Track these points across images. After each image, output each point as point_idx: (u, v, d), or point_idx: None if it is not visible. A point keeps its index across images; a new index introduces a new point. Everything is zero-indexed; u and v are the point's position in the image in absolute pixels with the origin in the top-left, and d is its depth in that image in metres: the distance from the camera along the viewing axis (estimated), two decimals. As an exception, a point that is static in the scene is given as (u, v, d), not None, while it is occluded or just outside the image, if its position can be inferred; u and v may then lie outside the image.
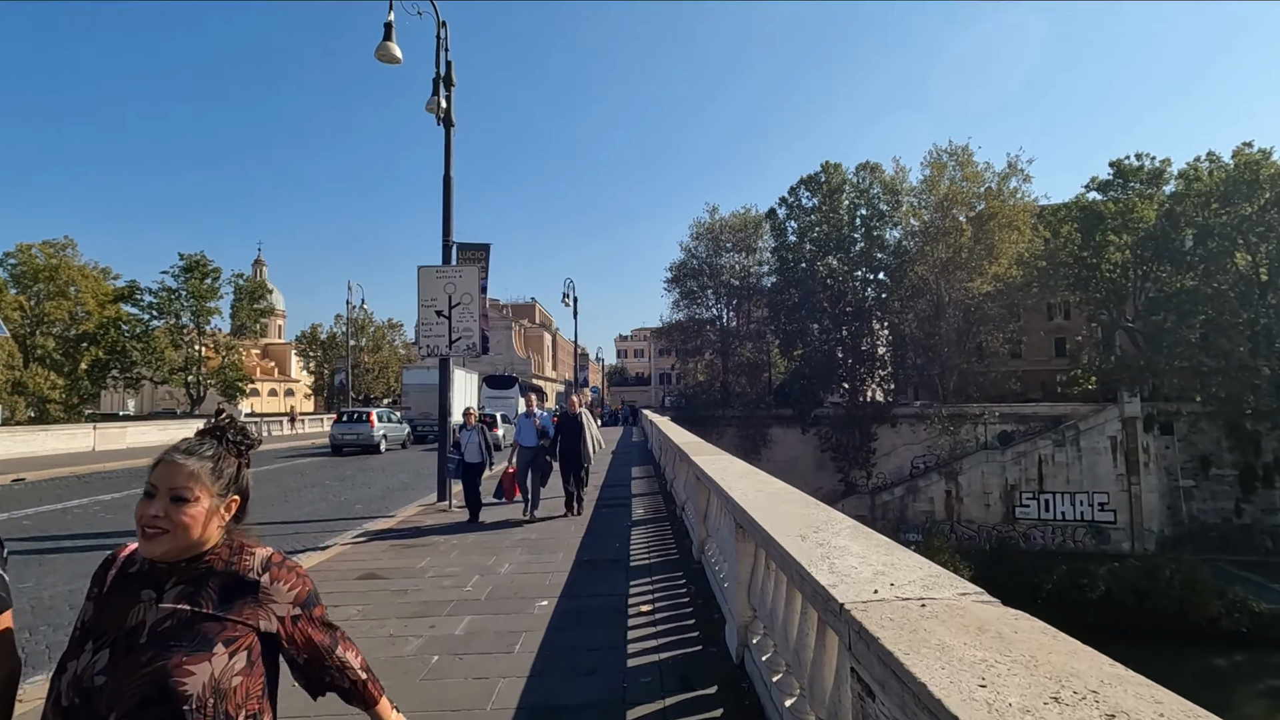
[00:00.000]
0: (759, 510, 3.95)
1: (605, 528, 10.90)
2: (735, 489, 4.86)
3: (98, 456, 27.92)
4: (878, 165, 59.92)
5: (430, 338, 12.36)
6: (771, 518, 3.67)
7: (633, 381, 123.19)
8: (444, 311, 12.09)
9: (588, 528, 10.90)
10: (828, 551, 2.76)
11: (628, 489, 15.61)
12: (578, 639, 5.53)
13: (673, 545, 9.11)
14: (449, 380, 12.69)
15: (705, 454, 8.53)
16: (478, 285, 12.25)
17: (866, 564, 2.53)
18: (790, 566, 2.75)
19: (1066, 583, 40.85)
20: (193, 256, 55.50)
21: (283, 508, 14.10)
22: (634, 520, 11.50)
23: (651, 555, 8.57)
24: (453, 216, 12.67)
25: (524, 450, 11.84)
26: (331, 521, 12.42)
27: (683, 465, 10.55)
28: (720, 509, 6.21)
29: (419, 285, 12.16)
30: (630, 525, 10.99)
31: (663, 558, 8.39)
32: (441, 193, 12.77)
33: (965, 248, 54.14)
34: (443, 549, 9.43)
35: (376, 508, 14.00)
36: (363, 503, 14.86)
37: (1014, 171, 55.75)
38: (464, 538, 10.19)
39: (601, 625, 5.84)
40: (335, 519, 12.73)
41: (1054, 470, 48.81)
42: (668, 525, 10.68)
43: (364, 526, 11.56)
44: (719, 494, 5.34)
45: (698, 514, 7.56)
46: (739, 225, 65.53)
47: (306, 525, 12.11)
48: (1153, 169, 53.44)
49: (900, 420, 55.08)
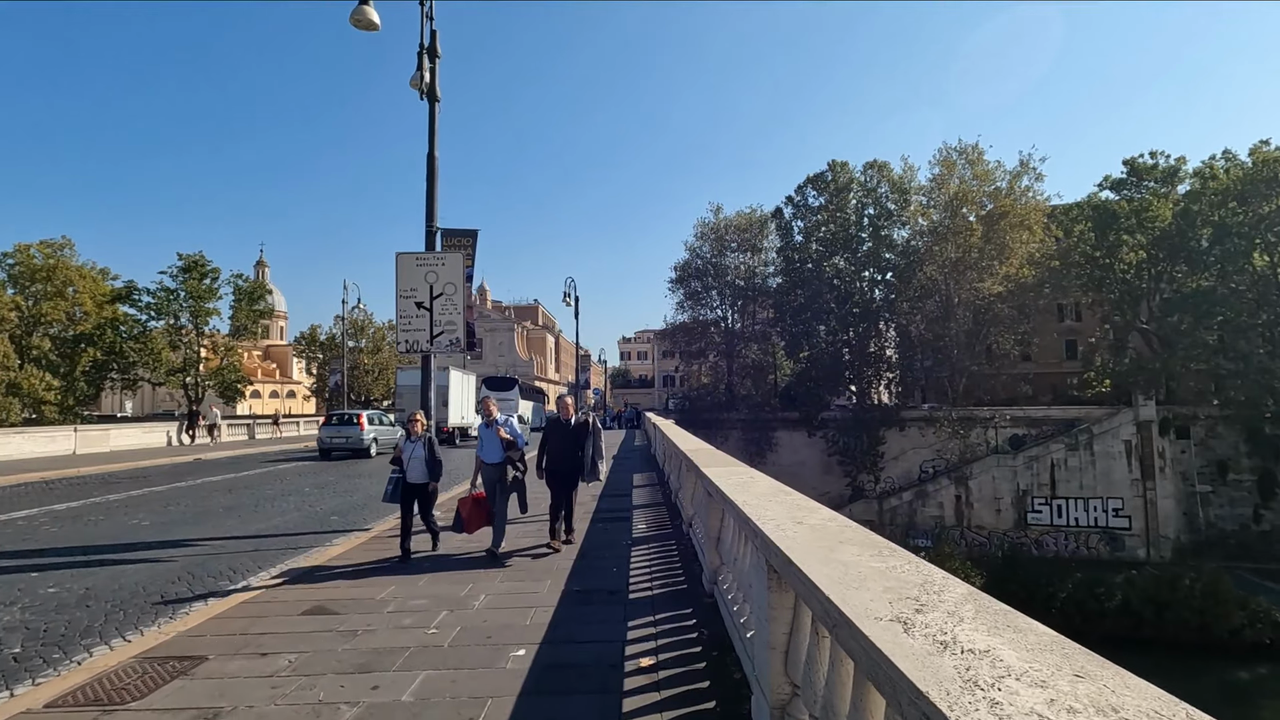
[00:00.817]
0: (808, 557, 2.76)
1: (602, 547, 9.70)
2: (766, 518, 3.68)
3: (78, 460, 26.77)
4: (886, 164, 58.98)
5: (409, 332, 11.10)
6: (834, 574, 2.47)
7: (636, 384, 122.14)
8: (424, 303, 10.85)
9: (581, 548, 9.68)
10: (968, 669, 1.55)
11: (628, 498, 14.38)
12: (559, 710, 4.33)
13: (679, 570, 7.90)
14: (431, 378, 11.43)
15: (717, 464, 7.33)
16: (462, 274, 11.02)
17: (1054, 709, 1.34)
18: (901, 692, 1.55)
19: (1083, 591, 39.88)
20: (191, 256, 54.76)
21: (250, 519, 12.91)
22: (635, 538, 10.27)
23: (654, 583, 7.37)
24: (437, 200, 11.46)
25: (487, 469, 9.63)
26: (297, 536, 11.19)
27: (690, 476, 9.35)
28: (739, 535, 5.05)
29: (397, 274, 10.94)
30: (630, 544, 9.80)
31: (668, 586, 7.19)
32: (425, 173, 11.60)
33: (975, 247, 53.10)
34: (412, 574, 8.26)
35: (354, 519, 12.83)
36: (340, 513, 13.67)
37: (1026, 170, 54.84)
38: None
39: (591, 687, 4.64)
40: (304, 533, 11.51)
41: (1067, 475, 47.87)
42: (673, 545, 9.49)
43: (331, 543, 10.38)
44: (743, 523, 4.16)
45: (708, 536, 6.38)
46: (744, 225, 64.51)
47: (270, 540, 10.89)
48: (1167, 167, 52.41)
49: (908, 423, 54.22)
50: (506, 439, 9.47)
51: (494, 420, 9.63)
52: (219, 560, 9.52)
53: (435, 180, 11.57)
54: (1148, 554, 45.25)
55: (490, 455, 9.58)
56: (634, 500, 14.09)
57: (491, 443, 9.56)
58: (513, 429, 9.61)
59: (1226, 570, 39.74)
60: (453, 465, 25.01)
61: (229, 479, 19.62)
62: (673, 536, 9.98)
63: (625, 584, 7.40)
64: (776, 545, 3.04)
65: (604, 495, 14.59)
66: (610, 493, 15.20)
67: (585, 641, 5.53)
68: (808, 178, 60.81)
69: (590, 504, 13.46)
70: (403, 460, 9.33)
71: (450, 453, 32.42)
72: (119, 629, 6.50)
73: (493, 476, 9.57)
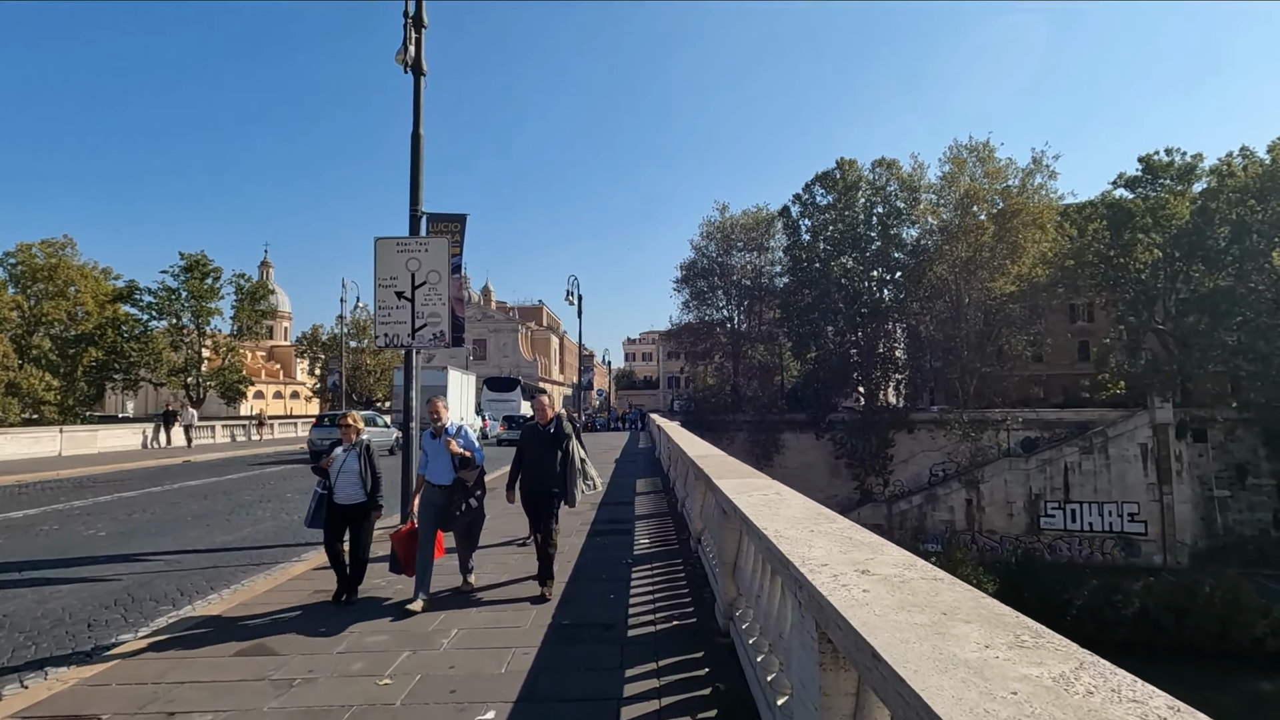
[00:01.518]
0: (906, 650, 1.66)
1: (598, 567, 8.60)
2: (813, 561, 2.61)
3: (62, 463, 25.81)
4: (895, 161, 57.96)
5: (389, 324, 10.00)
6: (964, 696, 1.41)
7: (640, 385, 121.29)
8: (405, 293, 9.80)
9: (575, 568, 8.52)
10: None
11: (630, 507, 13.28)
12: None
13: (687, 597, 6.82)
14: (415, 376, 10.39)
15: (731, 475, 6.26)
16: (448, 261, 9.97)
17: None
18: None
19: (1099, 598, 38.99)
20: (193, 256, 54.89)
21: (219, 529, 11.85)
22: (636, 555, 9.17)
23: (658, 614, 6.29)
24: (422, 181, 10.44)
25: (431, 492, 7.34)
26: (265, 550, 10.12)
27: (699, 486, 8.29)
28: (764, 569, 4.05)
29: (375, 260, 9.87)
30: (631, 564, 8.65)
31: (674, 619, 6.12)
32: (410, 153, 10.59)
33: (987, 246, 52.04)
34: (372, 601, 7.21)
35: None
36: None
37: (1039, 167, 53.69)
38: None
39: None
40: (273, 545, 10.43)
41: (1081, 479, 46.83)
42: (680, 566, 8.32)
43: (300, 558, 9.33)
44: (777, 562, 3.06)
45: (723, 561, 5.33)
46: (750, 224, 63.49)
47: (234, 555, 9.82)
48: (1184, 165, 51.32)
49: (918, 426, 53.25)
50: (460, 453, 7.19)
51: (442, 428, 7.38)
52: (168, 579, 8.46)
53: (420, 160, 10.57)
54: (1164, 560, 44.25)
55: (437, 474, 7.35)
56: (636, 509, 13.00)
57: (439, 458, 7.34)
58: (467, 439, 7.42)
59: (1246, 577, 38.86)
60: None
61: (207, 483, 18.60)
62: (679, 554, 8.89)
63: (624, 615, 6.31)
64: (843, 616, 1.98)
65: (603, 504, 13.48)
66: (611, 500, 14.09)
67: (571, 699, 4.45)
68: (815, 176, 59.78)
69: (588, 513, 12.37)
70: (330, 475, 7.24)
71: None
72: (19, 672, 5.47)
73: (438, 503, 7.30)
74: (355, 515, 7.31)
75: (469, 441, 7.42)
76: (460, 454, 7.21)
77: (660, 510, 12.65)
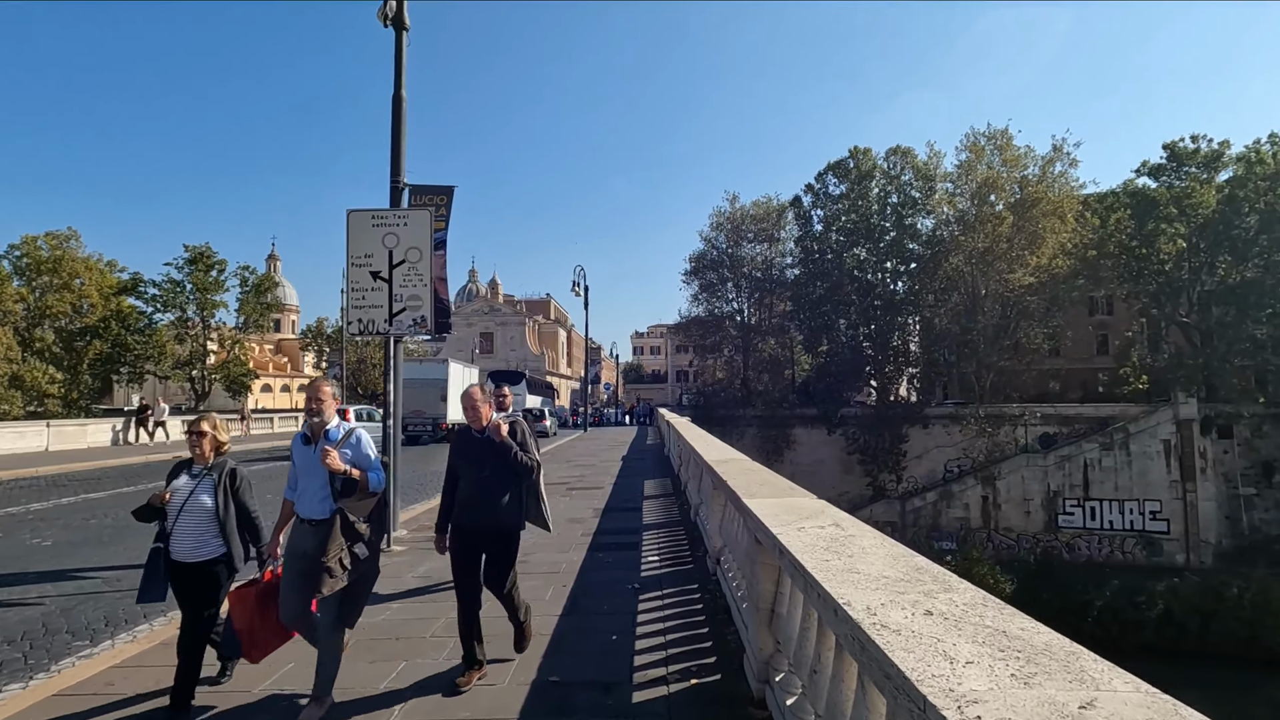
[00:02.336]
0: None
1: (599, 593, 7.18)
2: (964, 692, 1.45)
3: (46, 458, 24.78)
4: (910, 150, 56.73)
5: (363, 309, 8.77)
6: None
7: (648, 379, 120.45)
8: (382, 273, 8.63)
9: (571, 595, 7.13)
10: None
11: (637, 514, 12.01)
12: None
13: (707, 641, 5.49)
14: (397, 369, 9.21)
15: (766, 492, 4.95)
16: (430, 237, 8.78)
17: None
18: None
19: (1121, 600, 37.89)
20: (197, 248, 54.86)
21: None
22: (645, 577, 7.79)
23: (672, 671, 4.90)
24: (404, 149, 9.25)
25: (299, 532, 4.81)
26: None
27: (717, 497, 7.02)
28: (820, 631, 2.87)
29: (348, 236, 8.70)
30: (637, 589, 7.22)
31: (693, 678, 4.77)
32: (390, 117, 9.40)
33: (1005, 237, 50.73)
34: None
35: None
36: (291, 530, 11.39)
37: (1059, 155, 52.21)
38: None
39: None
40: None
41: (1101, 476, 45.54)
42: (696, 594, 6.93)
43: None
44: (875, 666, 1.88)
45: (756, 607, 4.08)
46: (761, 214, 62.18)
47: None
48: (1210, 152, 49.67)
49: (932, 421, 52.16)
50: (342, 471, 4.52)
51: (322, 426, 4.78)
52: (98, 604, 7.25)
53: (403, 125, 9.37)
54: (1187, 559, 43.02)
55: (309, 503, 4.73)
56: (644, 516, 11.71)
57: (311, 476, 4.71)
58: (359, 448, 4.75)
59: (1274, 577, 37.67)
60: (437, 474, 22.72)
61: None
62: (694, 576, 7.62)
63: (629, 668, 5.01)
64: None
65: (608, 510, 12.24)
66: (616, 505, 12.85)
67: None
68: (828, 165, 58.60)
69: (590, 521, 11.14)
70: (168, 518, 4.74)
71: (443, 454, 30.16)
72: None
73: (308, 550, 4.61)
74: (201, 579, 4.68)
75: (361, 452, 4.70)
76: (343, 472, 4.48)
77: (671, 518, 11.39)
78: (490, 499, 5.10)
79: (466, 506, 5.16)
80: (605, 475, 18.16)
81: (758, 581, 3.98)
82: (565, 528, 10.61)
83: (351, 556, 4.52)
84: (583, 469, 20.13)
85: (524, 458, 5.14)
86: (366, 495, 4.65)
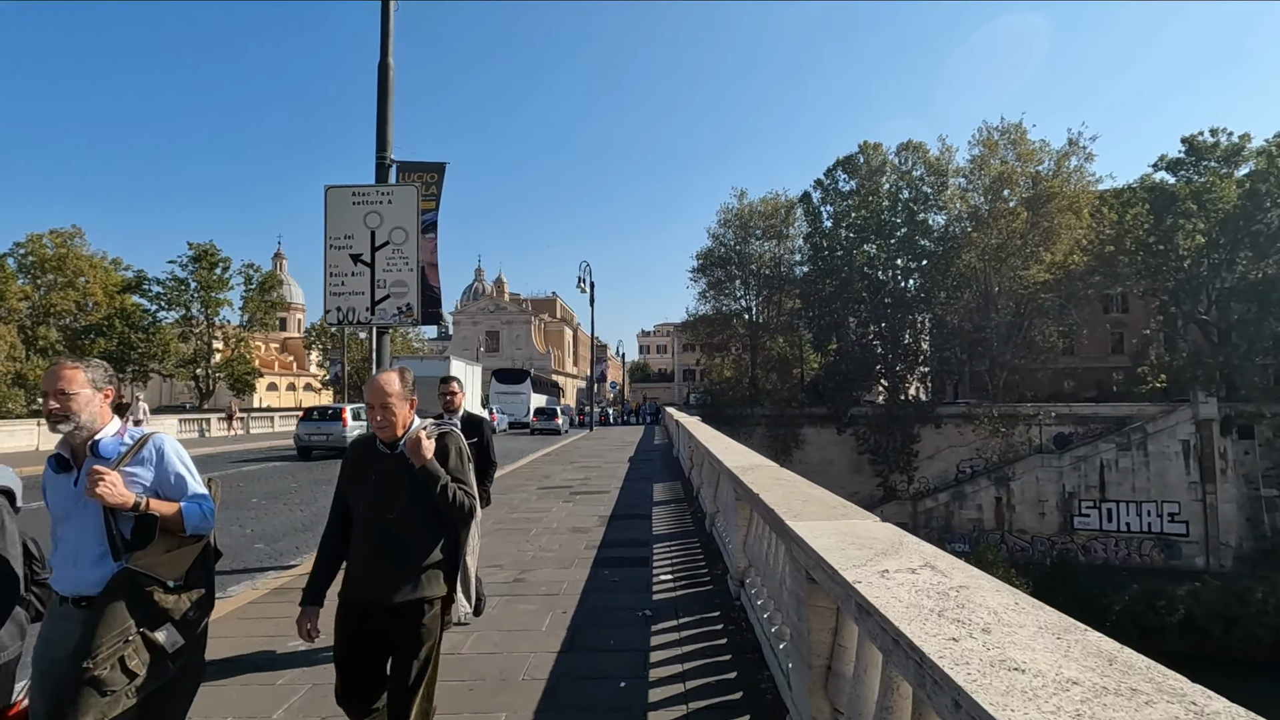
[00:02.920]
0: None
1: (604, 623, 6.13)
2: None
3: (33, 458, 24.11)
4: (921, 144, 55.92)
5: (342, 295, 7.81)
6: None
7: (655, 378, 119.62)
8: (364, 255, 7.79)
9: (572, 624, 6.11)
10: None
11: (647, 522, 11.09)
12: None
13: (734, 686, 4.59)
14: (384, 362, 8.41)
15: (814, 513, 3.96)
16: (418, 217, 7.96)
17: None
18: None
19: (1141, 604, 37.16)
20: (201, 246, 54.88)
21: None
22: (657, 601, 6.71)
23: None
24: (391, 122, 8.43)
25: (59, 620, 2.78)
26: None
27: (743, 510, 6.17)
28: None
29: (326, 215, 7.87)
30: (649, 617, 6.19)
31: None
32: (376, 88, 8.59)
33: (1019, 233, 49.84)
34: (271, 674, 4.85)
35: (283, 550, 9.80)
36: (271, 540, 10.51)
37: (1075, 149, 51.32)
38: None
39: None
40: None
41: (1118, 477, 44.66)
42: (719, 626, 5.86)
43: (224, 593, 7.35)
44: None
45: (804, 656, 3.17)
46: (770, 211, 61.32)
47: None
48: (1230, 145, 48.60)
49: (945, 420, 51.38)
50: (130, 507, 2.70)
51: (89, 441, 2.82)
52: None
53: (390, 96, 8.54)
54: (1206, 562, 42.12)
55: (72, 568, 2.76)
56: (655, 525, 10.79)
57: (77, 525, 2.78)
58: (159, 464, 2.89)
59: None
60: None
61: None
62: (715, 599, 6.64)
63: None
64: None
65: (614, 518, 11.36)
66: (624, 512, 11.94)
67: None
68: (837, 160, 57.91)
69: (595, 531, 10.23)
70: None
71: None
72: None
73: (74, 645, 2.61)
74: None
75: (166, 471, 2.91)
76: (131, 507, 2.71)
77: (684, 527, 10.51)
78: (398, 556, 3.19)
79: (361, 566, 3.23)
80: (612, 478, 17.36)
81: (809, 630, 3.10)
82: (568, 539, 9.83)
83: (150, 650, 2.65)
84: (588, 471, 19.32)
85: (457, 493, 3.25)
86: (180, 543, 2.82)
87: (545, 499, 13.73)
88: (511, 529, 10.49)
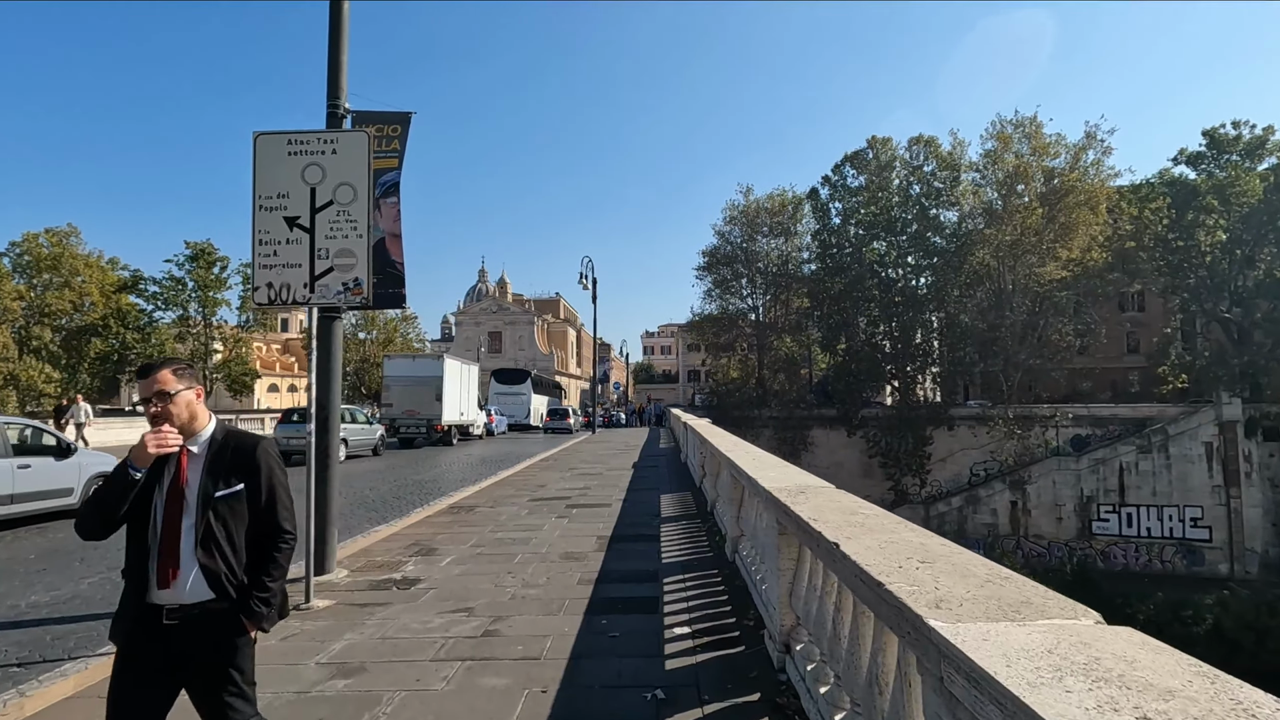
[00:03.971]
0: None
1: (596, 714, 4.37)
2: None
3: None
4: (933, 139, 54.51)
5: (273, 267, 6.30)
6: None
7: (659, 379, 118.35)
8: (301, 218, 6.21)
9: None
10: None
11: (654, 544, 9.49)
12: None
13: None
14: (331, 354, 7.02)
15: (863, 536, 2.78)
16: (369, 171, 6.41)
17: None
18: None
19: (1166, 613, 35.68)
20: (198, 244, 54.00)
21: (57, 579, 8.27)
22: (669, 670, 4.98)
23: None
24: (345, 61, 6.98)
25: None
26: (70, 624, 6.47)
27: (789, 549, 4.46)
28: None
29: (255, 169, 6.26)
30: (662, 700, 4.44)
31: None
32: (328, 24, 7.18)
33: (1034, 229, 48.34)
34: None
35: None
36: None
37: (1092, 143, 49.63)
38: None
39: None
40: (84, 617, 6.61)
41: (1138, 480, 43.31)
42: (763, 714, 4.19)
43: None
44: None
45: None
46: (777, 207, 59.79)
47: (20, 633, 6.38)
48: (1253, 139, 47.25)
49: (957, 422, 49.94)
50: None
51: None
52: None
53: (343, 31, 7.10)
54: (1230, 569, 40.82)
55: None
56: (663, 550, 9.15)
57: None
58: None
59: (1326, 591, 35.37)
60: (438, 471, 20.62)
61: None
62: (751, 669, 4.86)
63: None
64: None
65: (616, 539, 9.81)
66: (627, 532, 10.35)
67: None
68: (846, 155, 56.55)
69: (594, 558, 8.71)
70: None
71: (444, 454, 28.19)
72: None
73: None
74: None
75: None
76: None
77: (700, 552, 8.93)
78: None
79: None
80: (614, 488, 15.87)
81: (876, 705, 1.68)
82: (559, 569, 8.14)
83: None
84: (588, 479, 17.81)
85: None
86: None
87: (537, 513, 12.18)
88: (493, 554, 8.95)
